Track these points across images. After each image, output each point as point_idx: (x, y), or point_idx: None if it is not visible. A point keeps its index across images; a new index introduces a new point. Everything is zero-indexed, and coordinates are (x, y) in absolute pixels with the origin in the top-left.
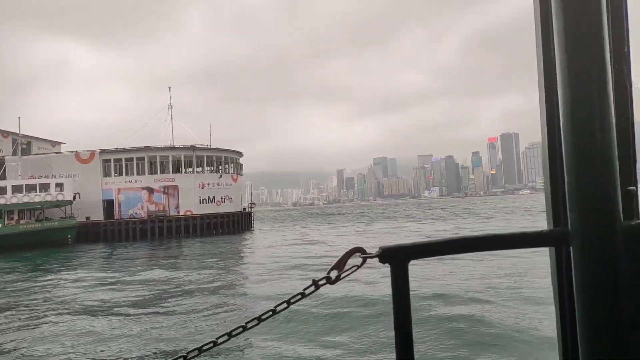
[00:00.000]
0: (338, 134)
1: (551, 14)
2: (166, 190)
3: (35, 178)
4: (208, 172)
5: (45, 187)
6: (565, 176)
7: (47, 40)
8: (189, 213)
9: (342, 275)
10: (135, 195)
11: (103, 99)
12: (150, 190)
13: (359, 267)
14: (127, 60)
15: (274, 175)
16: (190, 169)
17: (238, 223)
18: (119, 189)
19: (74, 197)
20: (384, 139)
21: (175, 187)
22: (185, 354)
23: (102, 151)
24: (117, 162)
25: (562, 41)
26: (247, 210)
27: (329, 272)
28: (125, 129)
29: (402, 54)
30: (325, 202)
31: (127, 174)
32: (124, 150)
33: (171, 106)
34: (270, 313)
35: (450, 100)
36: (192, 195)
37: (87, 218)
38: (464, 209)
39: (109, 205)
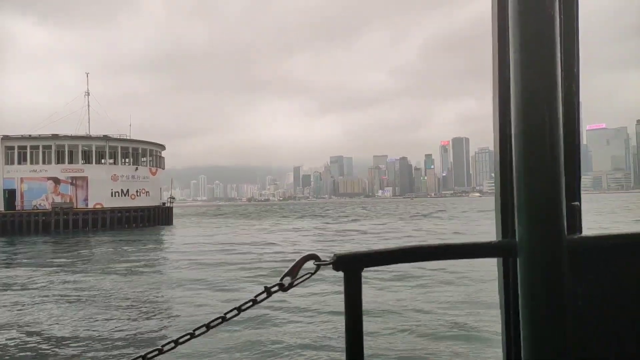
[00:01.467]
0: (297, 130)
1: (508, 32)
2: (74, 182)
3: None
4: (128, 164)
5: None
6: (515, 189)
7: None
8: (98, 206)
9: (296, 282)
10: (39, 186)
11: (50, 81)
12: (57, 181)
13: (312, 274)
14: (78, 40)
15: (229, 170)
16: (105, 160)
17: (155, 218)
18: (22, 178)
19: None
20: (342, 137)
21: (85, 179)
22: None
23: (5, 137)
24: (21, 149)
25: (516, 59)
26: (167, 205)
27: (282, 279)
28: (74, 115)
29: (365, 52)
30: (281, 198)
31: (32, 163)
32: (30, 138)
33: (88, 93)
34: (220, 320)
35: (408, 101)
36: (104, 187)
37: None
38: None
39: (10, 195)
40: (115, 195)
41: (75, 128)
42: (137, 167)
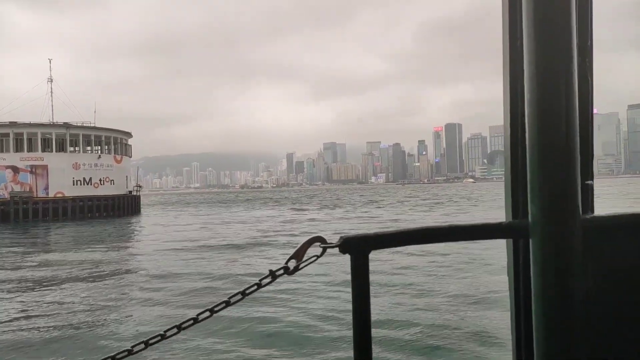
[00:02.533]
0: (290, 116)
1: (520, 7)
2: (34, 170)
3: None
4: (92, 152)
5: None
6: (528, 169)
7: None
8: (59, 195)
9: (301, 265)
10: None
11: (38, 66)
12: (16, 170)
13: (318, 257)
14: (66, 23)
15: (222, 157)
16: (66, 148)
17: (121, 207)
18: None
19: None
20: (335, 123)
21: (45, 167)
22: (129, 348)
23: None
24: None
25: (530, 32)
26: (133, 193)
27: (287, 262)
28: (62, 100)
29: (359, 37)
30: (274, 185)
31: None
32: None
33: (51, 79)
34: (224, 305)
35: (402, 87)
36: (65, 176)
37: None
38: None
39: None
40: (77, 184)
41: (39, 115)
42: (99, 155)
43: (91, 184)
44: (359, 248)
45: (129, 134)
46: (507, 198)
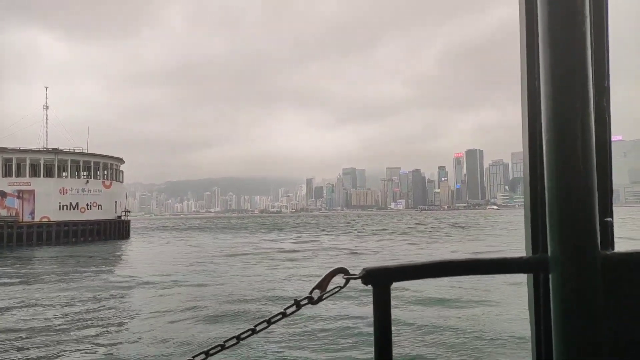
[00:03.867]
0: (311, 141)
1: (536, 39)
2: (21, 195)
3: None
4: (82, 177)
5: None
6: (547, 204)
7: (13, 24)
8: (45, 219)
9: (325, 295)
10: None
11: (72, 94)
12: (3, 194)
13: (341, 287)
14: (100, 53)
15: (243, 182)
16: (54, 174)
17: (107, 231)
18: None
19: None
20: (356, 149)
21: (32, 192)
22: None
23: None
24: None
25: (547, 75)
26: (122, 218)
27: (311, 292)
28: (95, 126)
29: (381, 63)
30: (293, 210)
31: None
32: None
33: (47, 107)
34: (250, 332)
35: (423, 112)
36: (51, 200)
37: None
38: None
39: None
40: (63, 209)
41: (38, 142)
42: (87, 181)
43: (77, 209)
44: (380, 280)
45: (120, 160)
46: (527, 232)
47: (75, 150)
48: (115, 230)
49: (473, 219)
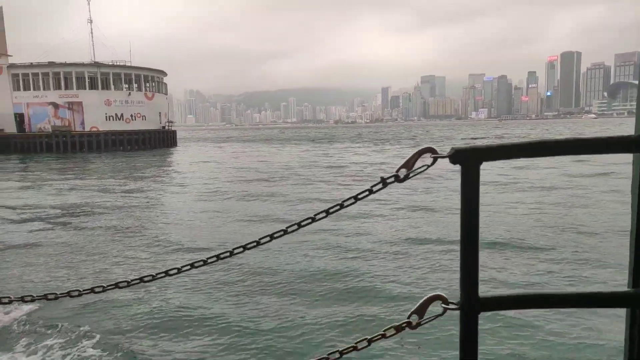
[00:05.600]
0: (389, 48)
1: None
2: (71, 106)
3: None
4: (131, 89)
5: None
6: None
7: None
8: (94, 129)
9: (411, 174)
10: (42, 110)
11: (148, 8)
12: (56, 106)
13: (429, 166)
14: None
15: (318, 92)
16: (97, 86)
17: (153, 141)
18: (27, 104)
19: None
20: (436, 55)
21: (80, 104)
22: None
23: (11, 65)
24: (24, 77)
25: None
26: (166, 128)
27: (397, 171)
28: (171, 37)
29: None
30: (368, 120)
31: (34, 89)
32: (31, 65)
33: (91, 20)
34: (338, 207)
35: (519, 9)
36: (98, 111)
37: (1, 130)
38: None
39: (20, 118)
40: (109, 119)
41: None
42: (129, 92)
43: (123, 119)
44: (469, 159)
45: (163, 72)
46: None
47: (118, 63)
48: (161, 140)
49: (573, 129)
